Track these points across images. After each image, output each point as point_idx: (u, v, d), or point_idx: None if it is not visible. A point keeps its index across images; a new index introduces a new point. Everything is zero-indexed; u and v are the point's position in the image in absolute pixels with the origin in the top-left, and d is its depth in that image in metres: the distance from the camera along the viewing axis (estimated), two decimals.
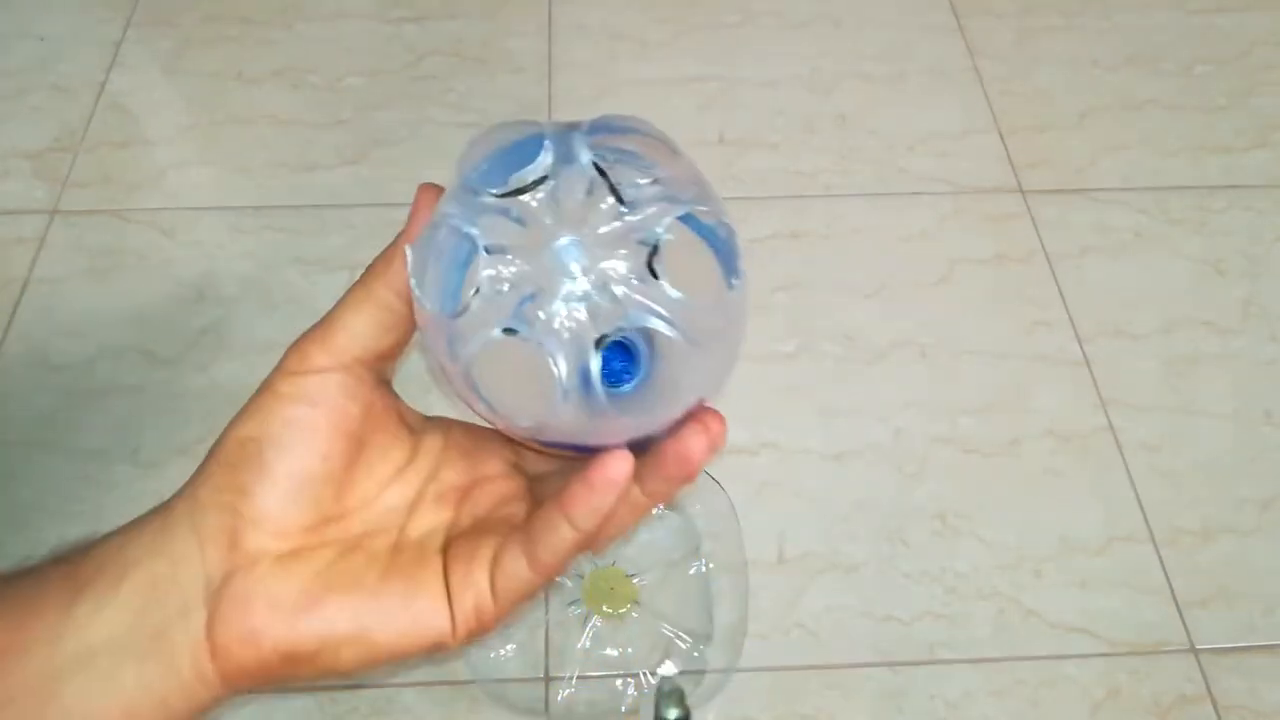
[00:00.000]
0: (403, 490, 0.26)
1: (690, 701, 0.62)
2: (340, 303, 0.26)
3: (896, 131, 0.90)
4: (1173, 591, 0.66)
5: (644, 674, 0.61)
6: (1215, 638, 0.64)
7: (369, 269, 0.26)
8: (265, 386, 0.25)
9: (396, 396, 0.28)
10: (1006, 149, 0.89)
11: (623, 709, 0.61)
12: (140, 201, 0.85)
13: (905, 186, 0.87)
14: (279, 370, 0.25)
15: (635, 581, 0.64)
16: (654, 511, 0.67)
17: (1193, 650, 0.64)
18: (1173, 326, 0.78)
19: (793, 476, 0.70)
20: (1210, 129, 0.91)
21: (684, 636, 0.63)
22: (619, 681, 0.61)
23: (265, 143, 0.89)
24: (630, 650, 0.62)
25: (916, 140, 0.90)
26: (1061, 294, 0.80)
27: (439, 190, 0.25)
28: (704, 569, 0.66)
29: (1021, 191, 0.86)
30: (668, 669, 0.61)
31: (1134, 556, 0.67)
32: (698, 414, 0.24)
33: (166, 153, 0.89)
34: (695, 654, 0.62)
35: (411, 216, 0.25)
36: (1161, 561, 0.67)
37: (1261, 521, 0.69)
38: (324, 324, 0.26)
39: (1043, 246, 0.83)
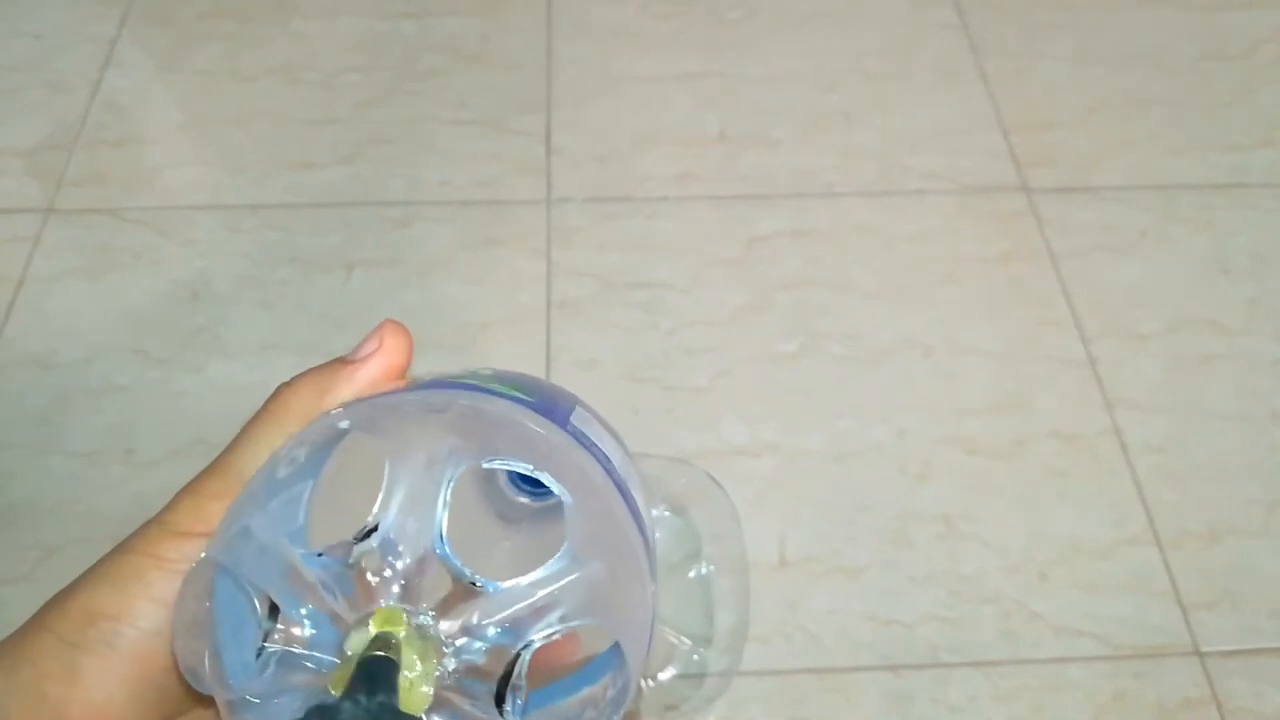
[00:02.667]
0: None
1: (690, 705, 0.61)
2: (237, 443, 0.21)
3: (900, 129, 0.90)
4: (1178, 594, 0.65)
5: (644, 678, 0.61)
6: (1220, 641, 0.64)
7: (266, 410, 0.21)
8: (135, 544, 0.19)
9: None
10: (1011, 147, 0.89)
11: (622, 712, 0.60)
12: (135, 200, 0.84)
13: (909, 185, 0.86)
14: (158, 524, 0.20)
15: None
16: (654, 513, 0.66)
17: (1198, 653, 0.63)
18: (1178, 326, 0.78)
19: (795, 478, 0.70)
20: (1216, 127, 0.90)
21: (684, 639, 0.62)
22: None
23: (261, 141, 0.88)
24: None
25: (920, 138, 0.89)
26: (1066, 293, 0.79)
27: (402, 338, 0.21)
28: (704, 571, 0.65)
29: (1026, 190, 0.86)
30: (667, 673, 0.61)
31: (1139, 559, 0.67)
32: None
33: (162, 151, 0.88)
34: (695, 657, 0.62)
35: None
36: (1166, 564, 0.66)
37: (1268, 524, 0.68)
38: (220, 468, 0.20)
39: (1047, 245, 0.82)
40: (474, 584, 0.17)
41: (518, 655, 0.17)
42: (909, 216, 0.84)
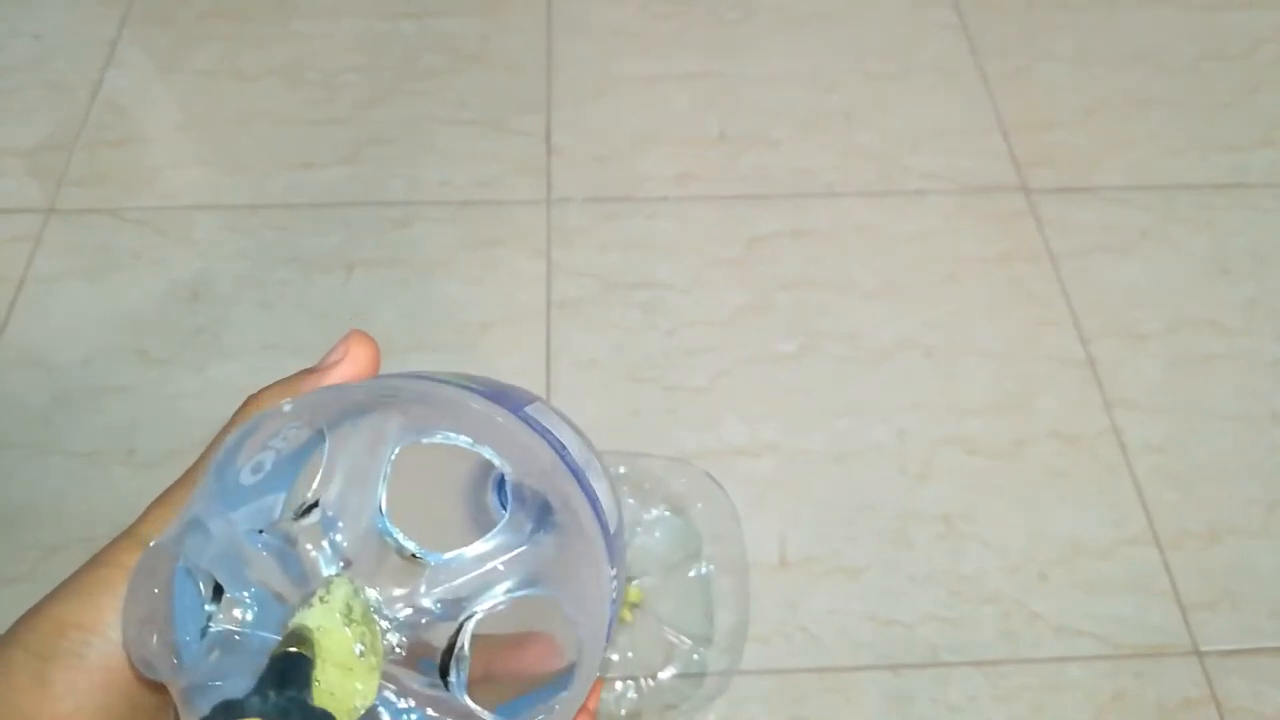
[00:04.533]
0: None
1: (690, 705, 0.61)
2: (207, 454, 0.21)
3: (899, 129, 0.90)
4: (1177, 594, 0.65)
5: (644, 678, 0.61)
6: (1220, 640, 0.64)
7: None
8: (106, 556, 0.19)
9: None
10: (1011, 147, 0.89)
11: (623, 712, 0.60)
12: (136, 200, 0.84)
13: (908, 185, 0.86)
14: (128, 536, 0.20)
15: (636, 584, 0.64)
16: (654, 513, 0.66)
17: (1197, 653, 0.63)
18: (1178, 326, 0.78)
19: (795, 478, 0.70)
20: (1216, 127, 0.90)
21: (685, 639, 0.62)
22: (620, 684, 0.61)
23: (261, 141, 0.88)
24: (631, 653, 0.62)
25: (920, 138, 0.89)
26: (1066, 293, 0.79)
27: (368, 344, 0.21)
28: (705, 571, 0.65)
29: (1026, 190, 0.86)
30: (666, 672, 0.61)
31: (1139, 559, 0.67)
32: None
33: (162, 151, 0.88)
34: (696, 656, 0.62)
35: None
36: (1166, 564, 0.66)
37: (1267, 524, 0.68)
38: (191, 479, 0.20)
39: (1047, 246, 0.82)
40: (415, 556, 0.17)
41: (460, 626, 0.17)
42: (909, 216, 0.84)
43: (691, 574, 0.65)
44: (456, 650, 0.17)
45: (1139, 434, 0.72)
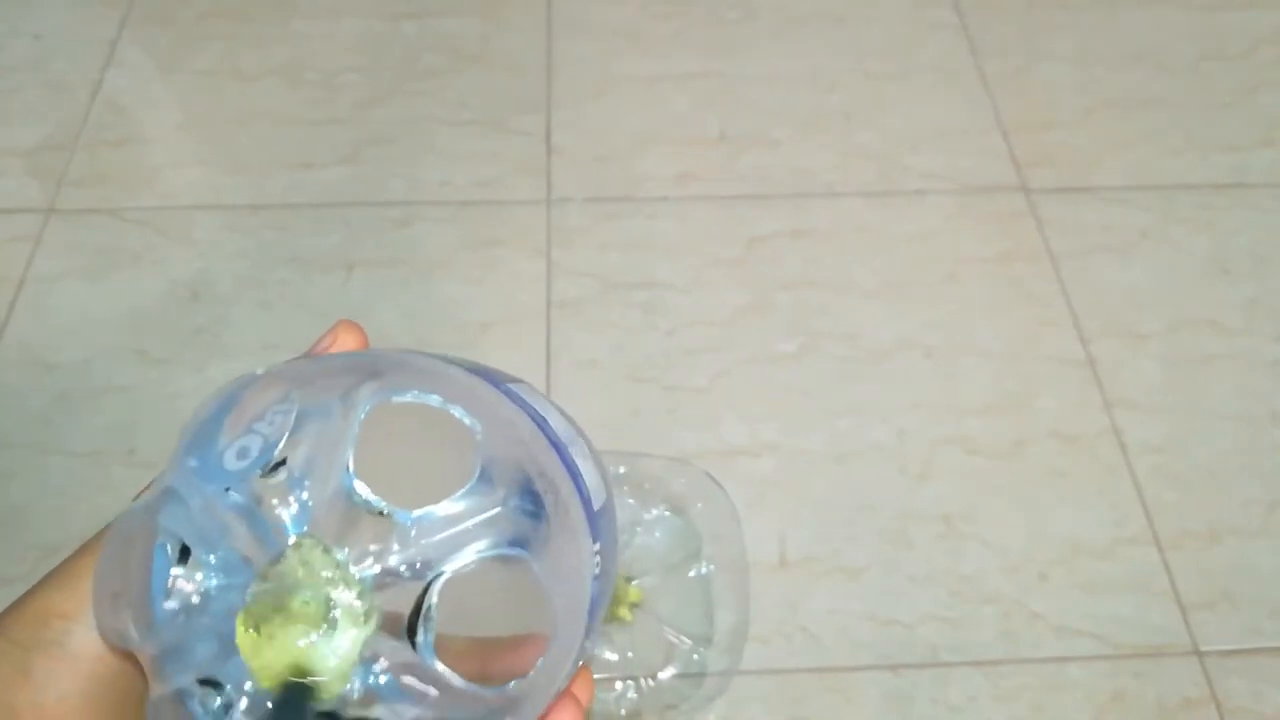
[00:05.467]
0: None
1: (690, 705, 0.61)
2: None
3: (899, 129, 0.90)
4: (1177, 594, 0.65)
5: (644, 678, 0.61)
6: (1220, 640, 0.64)
7: None
8: (91, 545, 0.20)
9: None
10: (1011, 147, 0.89)
11: (623, 712, 0.60)
12: (136, 200, 0.84)
13: (908, 185, 0.86)
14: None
15: (636, 584, 0.64)
16: (654, 513, 0.66)
17: (1197, 653, 0.63)
18: (1178, 326, 0.78)
19: (795, 478, 0.70)
20: (1216, 127, 0.90)
21: (685, 639, 0.62)
22: (619, 684, 0.61)
23: (261, 141, 0.88)
24: (631, 653, 0.62)
25: (920, 138, 0.89)
26: (1066, 293, 0.79)
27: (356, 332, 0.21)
28: (705, 571, 0.65)
29: (1026, 190, 0.86)
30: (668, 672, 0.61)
31: (1139, 559, 0.67)
32: None
33: (162, 151, 0.88)
34: (696, 657, 0.62)
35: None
36: (1166, 564, 0.66)
37: (1267, 524, 0.68)
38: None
39: (1047, 246, 0.82)
40: (383, 514, 0.17)
41: (429, 585, 0.16)
42: (909, 216, 0.84)
43: (691, 574, 0.65)
44: (424, 610, 0.16)
45: (1139, 434, 0.72)
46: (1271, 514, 0.69)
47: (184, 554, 0.17)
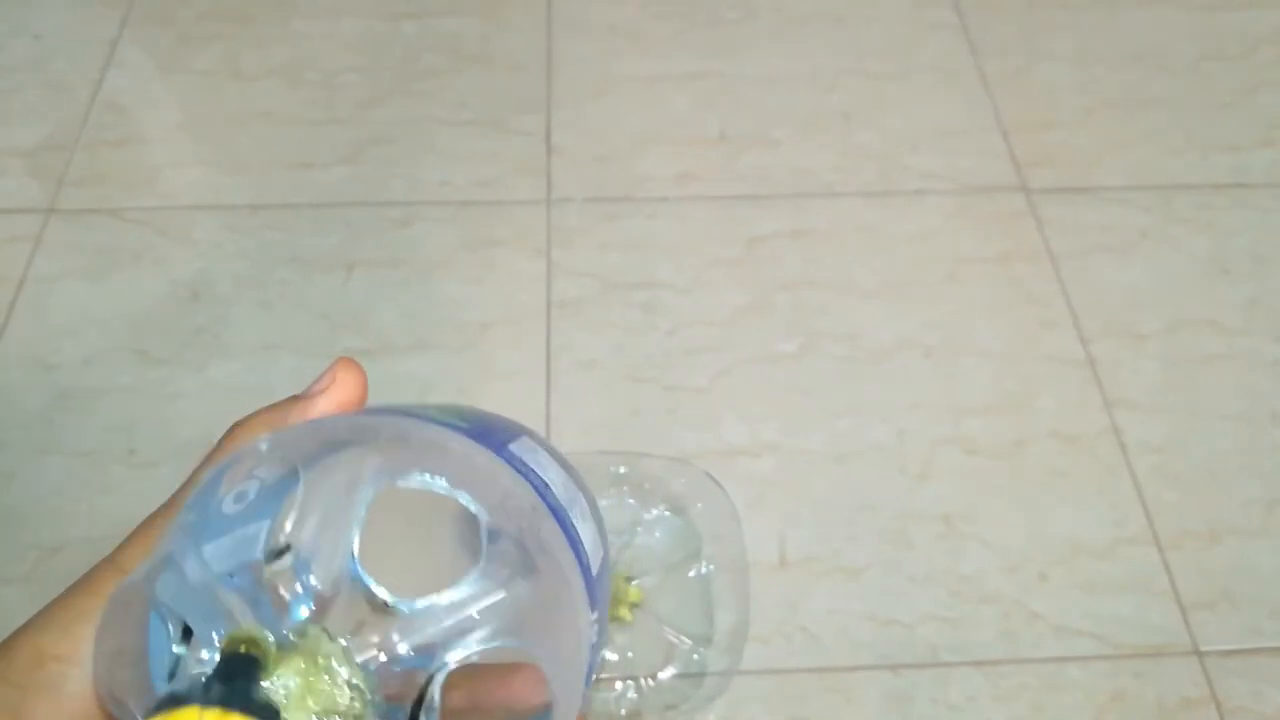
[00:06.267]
0: None
1: (690, 705, 0.61)
2: (192, 481, 0.20)
3: (899, 129, 0.90)
4: (1177, 594, 0.65)
5: (644, 678, 0.61)
6: (1220, 640, 0.64)
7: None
8: (85, 585, 0.19)
9: None
10: (1010, 147, 0.89)
11: (623, 712, 0.60)
12: (136, 200, 0.84)
13: (908, 185, 0.86)
14: (109, 564, 0.19)
15: (636, 584, 0.64)
16: (654, 513, 0.66)
17: (1197, 653, 0.63)
18: (1178, 326, 0.78)
19: (795, 478, 0.70)
20: (1216, 127, 0.90)
21: (685, 639, 0.62)
22: (619, 684, 0.61)
23: (261, 141, 0.88)
24: (631, 653, 0.62)
25: (920, 138, 0.89)
26: (1066, 293, 0.79)
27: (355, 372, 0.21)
28: (705, 571, 0.65)
29: (1025, 190, 0.86)
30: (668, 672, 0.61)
31: (1139, 559, 0.67)
32: None
33: (162, 151, 0.88)
34: (696, 656, 0.62)
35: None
36: (1166, 564, 0.66)
37: (1267, 523, 0.68)
38: (174, 506, 0.20)
39: (1047, 246, 0.82)
40: (387, 604, 0.17)
41: (431, 677, 0.16)
42: (909, 216, 0.84)
43: (691, 574, 0.65)
44: (426, 701, 0.16)
45: (1139, 434, 0.72)
46: (1271, 514, 0.69)
47: (187, 631, 0.17)
